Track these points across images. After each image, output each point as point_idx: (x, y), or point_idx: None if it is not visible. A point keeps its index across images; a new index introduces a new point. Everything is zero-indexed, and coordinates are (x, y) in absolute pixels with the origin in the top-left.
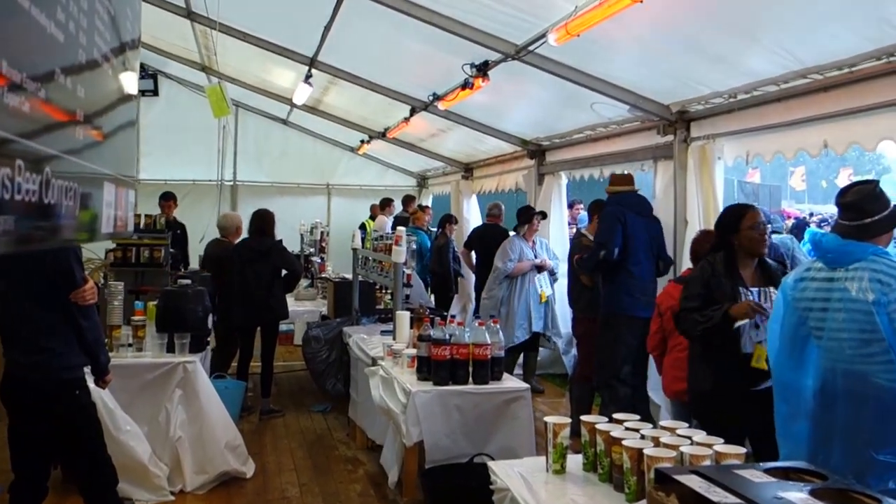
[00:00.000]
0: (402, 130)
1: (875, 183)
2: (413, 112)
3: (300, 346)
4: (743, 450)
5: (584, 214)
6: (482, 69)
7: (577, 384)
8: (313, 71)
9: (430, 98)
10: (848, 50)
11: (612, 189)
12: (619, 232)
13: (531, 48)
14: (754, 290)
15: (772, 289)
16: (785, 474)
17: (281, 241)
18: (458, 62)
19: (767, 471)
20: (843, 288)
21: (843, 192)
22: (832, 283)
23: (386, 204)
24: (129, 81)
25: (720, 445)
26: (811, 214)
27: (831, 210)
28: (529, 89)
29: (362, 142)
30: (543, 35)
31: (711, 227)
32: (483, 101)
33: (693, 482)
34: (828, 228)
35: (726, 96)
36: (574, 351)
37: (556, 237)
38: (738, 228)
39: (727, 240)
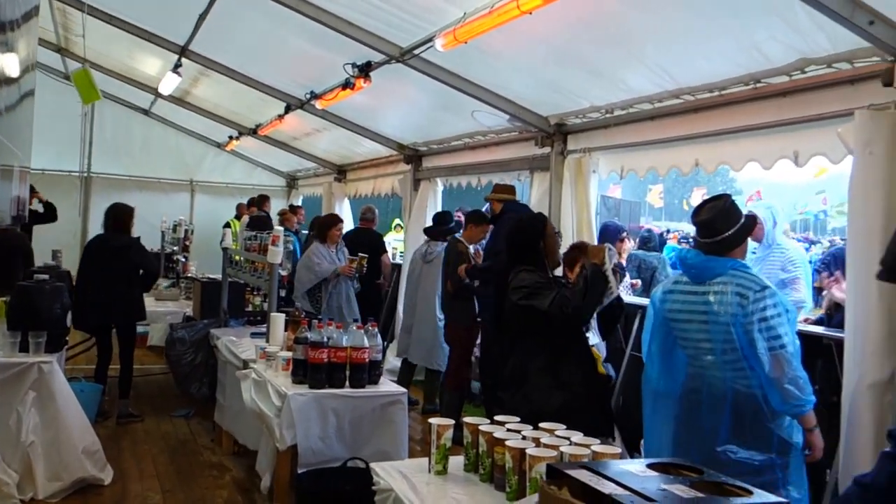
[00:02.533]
0: (274, 128)
1: (726, 198)
2: (288, 109)
3: (157, 348)
4: (618, 449)
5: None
6: (364, 70)
7: (447, 391)
8: (183, 60)
9: (308, 96)
10: (719, 74)
11: (496, 197)
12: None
13: (416, 52)
14: None
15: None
16: (665, 469)
17: (139, 238)
18: (339, 61)
19: (649, 466)
20: (705, 301)
21: (698, 210)
22: (696, 296)
23: (259, 202)
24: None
25: (597, 446)
26: (668, 231)
27: (687, 228)
28: (410, 93)
29: (231, 138)
30: (430, 39)
31: (585, 240)
32: (362, 103)
33: (583, 476)
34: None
35: (603, 111)
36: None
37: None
38: (543, 234)
39: (535, 247)
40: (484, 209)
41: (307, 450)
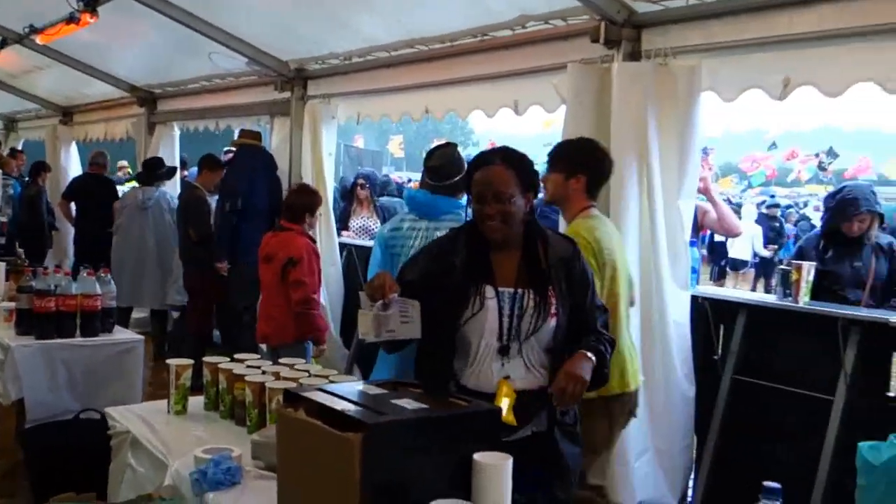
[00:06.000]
0: None
1: (454, 146)
2: (4, 44)
3: None
4: (355, 378)
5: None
6: (91, 4)
7: (189, 337)
8: None
9: (27, 30)
10: (450, 26)
11: (241, 142)
12: (248, 183)
13: None
14: (506, 290)
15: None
16: (394, 387)
17: None
18: None
19: (379, 384)
20: (429, 237)
21: (430, 155)
22: (425, 231)
23: None
24: None
25: (336, 376)
26: (409, 181)
27: None
28: (144, 31)
29: None
30: None
31: (321, 184)
32: (90, 40)
33: (318, 397)
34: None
35: (342, 58)
36: None
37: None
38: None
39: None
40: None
41: (36, 403)
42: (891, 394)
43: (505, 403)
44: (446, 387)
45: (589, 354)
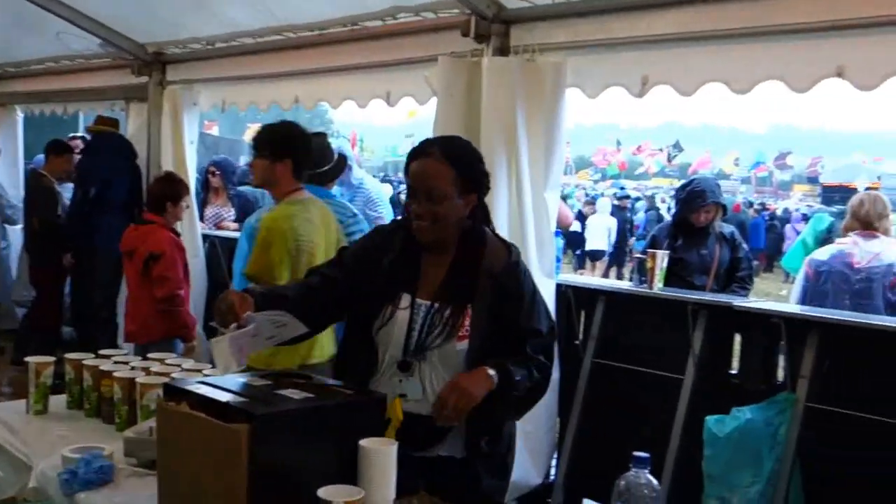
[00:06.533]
0: None
1: (324, 136)
2: None
3: None
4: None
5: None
6: None
7: (37, 334)
8: None
9: None
10: (320, 14)
11: (97, 128)
12: (108, 170)
13: None
14: (423, 302)
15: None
16: (277, 378)
17: None
18: None
19: (262, 376)
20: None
21: None
22: None
23: None
24: None
25: (210, 370)
26: None
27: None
28: None
29: None
30: None
31: (184, 173)
32: None
33: (202, 389)
34: None
35: (205, 42)
36: None
37: (8, 180)
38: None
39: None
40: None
41: None
42: (733, 371)
43: (391, 424)
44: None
45: (490, 372)
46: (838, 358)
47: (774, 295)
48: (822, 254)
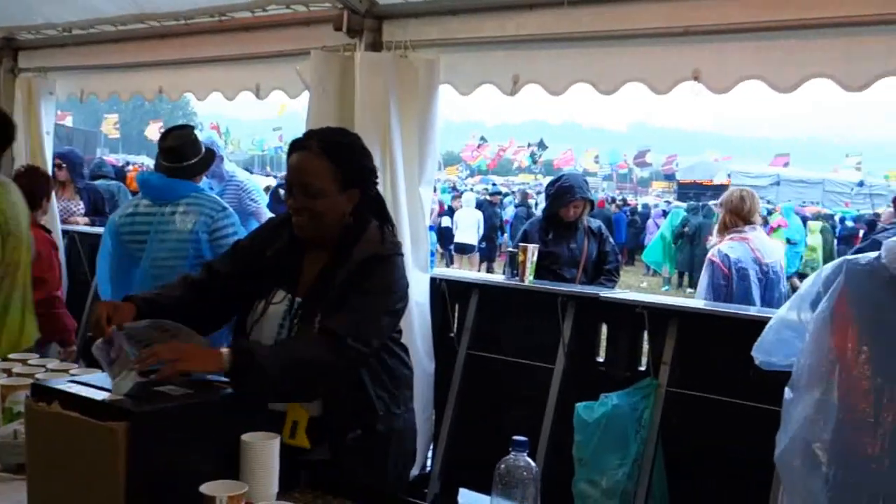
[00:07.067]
0: None
1: (191, 128)
2: None
3: None
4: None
5: None
6: None
7: None
8: None
9: None
10: (186, 3)
11: None
12: None
13: None
14: (296, 299)
15: None
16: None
17: None
18: None
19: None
20: (167, 221)
21: (165, 136)
22: (160, 216)
23: None
24: None
25: (77, 369)
26: (128, 164)
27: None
28: None
29: None
30: None
31: (41, 166)
32: None
33: (74, 388)
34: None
35: (61, 29)
36: None
37: None
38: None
39: None
40: None
41: None
42: (600, 359)
43: (294, 425)
44: None
45: (223, 351)
46: (695, 344)
47: (636, 287)
48: (734, 251)
